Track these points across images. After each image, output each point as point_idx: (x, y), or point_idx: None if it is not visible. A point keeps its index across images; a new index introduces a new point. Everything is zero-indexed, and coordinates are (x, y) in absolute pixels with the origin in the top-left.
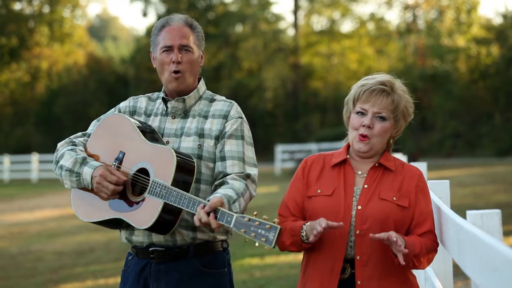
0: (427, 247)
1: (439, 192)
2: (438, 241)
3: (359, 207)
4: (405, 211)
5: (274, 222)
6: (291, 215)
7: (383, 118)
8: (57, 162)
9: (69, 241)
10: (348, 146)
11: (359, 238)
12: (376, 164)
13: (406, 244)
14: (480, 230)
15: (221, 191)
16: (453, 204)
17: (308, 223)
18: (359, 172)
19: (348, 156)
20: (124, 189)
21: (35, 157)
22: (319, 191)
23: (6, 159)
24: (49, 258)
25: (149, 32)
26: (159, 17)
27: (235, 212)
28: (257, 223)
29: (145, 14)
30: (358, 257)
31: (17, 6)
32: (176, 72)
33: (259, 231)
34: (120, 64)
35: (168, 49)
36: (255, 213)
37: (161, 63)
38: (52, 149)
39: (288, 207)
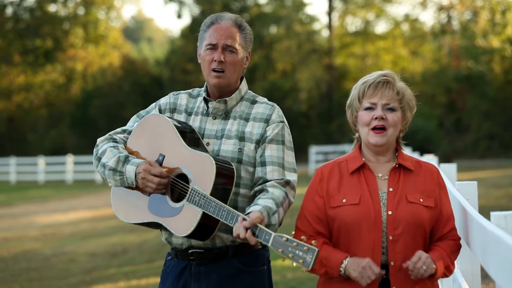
0: (452, 251)
1: (466, 194)
2: (464, 242)
3: (390, 213)
4: (433, 211)
5: (312, 244)
6: (313, 230)
7: (392, 109)
8: (99, 158)
9: (102, 243)
10: (359, 149)
11: (392, 244)
12: (396, 166)
13: (435, 263)
14: (503, 232)
15: (262, 203)
16: (487, 205)
17: (349, 260)
18: (379, 175)
19: (363, 159)
20: (163, 193)
21: (70, 159)
22: (344, 200)
23: (41, 160)
24: (82, 259)
25: (184, 33)
26: (194, 19)
27: (274, 225)
28: (294, 244)
29: (179, 16)
30: (392, 263)
31: (52, 8)
32: (217, 71)
33: (297, 252)
34: (155, 65)
35: (213, 47)
36: (293, 233)
37: (204, 60)
38: (87, 150)
39: (309, 221)
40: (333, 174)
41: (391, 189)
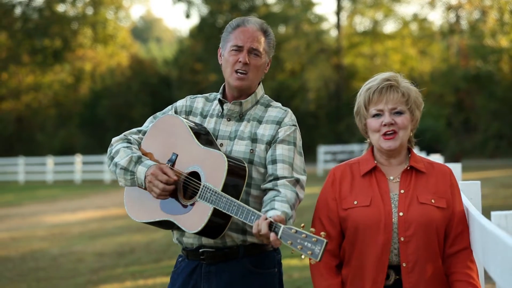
0: (472, 269)
1: (470, 193)
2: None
3: (401, 214)
4: (444, 212)
5: (320, 236)
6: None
7: (400, 112)
8: (112, 158)
9: (110, 242)
10: (372, 151)
11: (404, 245)
12: (408, 168)
13: None
14: (503, 231)
15: (279, 207)
16: (495, 205)
17: None
18: (391, 177)
19: (375, 162)
20: (175, 192)
21: (78, 159)
22: (355, 202)
23: (50, 160)
24: (89, 259)
25: (192, 33)
26: (202, 19)
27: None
28: (303, 235)
29: (188, 16)
30: (404, 264)
31: (60, 8)
32: (241, 72)
33: (306, 243)
34: (163, 65)
35: (238, 49)
36: (302, 225)
37: (228, 61)
38: (95, 150)
39: (323, 224)
40: (345, 176)
41: (402, 191)
